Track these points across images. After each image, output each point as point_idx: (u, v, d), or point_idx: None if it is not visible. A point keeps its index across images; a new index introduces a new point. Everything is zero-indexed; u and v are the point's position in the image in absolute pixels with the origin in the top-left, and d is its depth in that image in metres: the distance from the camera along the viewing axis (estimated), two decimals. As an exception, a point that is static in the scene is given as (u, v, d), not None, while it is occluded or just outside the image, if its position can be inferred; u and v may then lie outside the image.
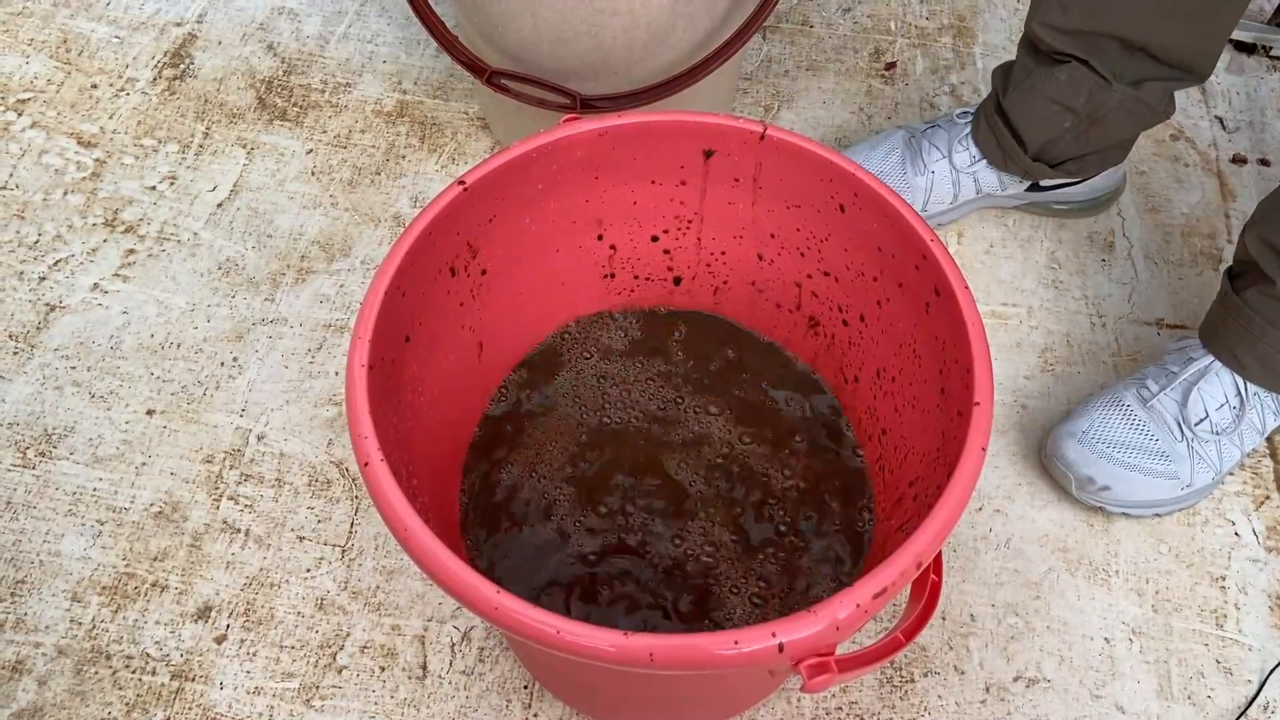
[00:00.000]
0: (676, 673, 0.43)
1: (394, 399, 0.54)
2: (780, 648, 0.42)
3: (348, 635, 0.71)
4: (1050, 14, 0.77)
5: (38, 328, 0.84)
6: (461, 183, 0.56)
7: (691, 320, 0.71)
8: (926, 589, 0.49)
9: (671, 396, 0.68)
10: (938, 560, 0.50)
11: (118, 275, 0.88)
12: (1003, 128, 0.84)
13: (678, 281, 0.70)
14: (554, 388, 0.68)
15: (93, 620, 0.71)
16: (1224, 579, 0.75)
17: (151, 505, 0.76)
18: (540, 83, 0.82)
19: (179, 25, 1.06)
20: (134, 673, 0.69)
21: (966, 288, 0.52)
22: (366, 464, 0.47)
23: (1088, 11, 0.75)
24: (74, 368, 0.82)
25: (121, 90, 1.00)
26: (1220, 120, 1.03)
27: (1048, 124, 0.82)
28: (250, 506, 0.76)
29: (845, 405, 0.67)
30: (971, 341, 0.50)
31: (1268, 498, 0.79)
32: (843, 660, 0.45)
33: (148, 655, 0.70)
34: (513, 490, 0.64)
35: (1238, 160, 1.00)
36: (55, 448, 0.78)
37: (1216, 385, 0.75)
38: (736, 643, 0.41)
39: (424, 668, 0.70)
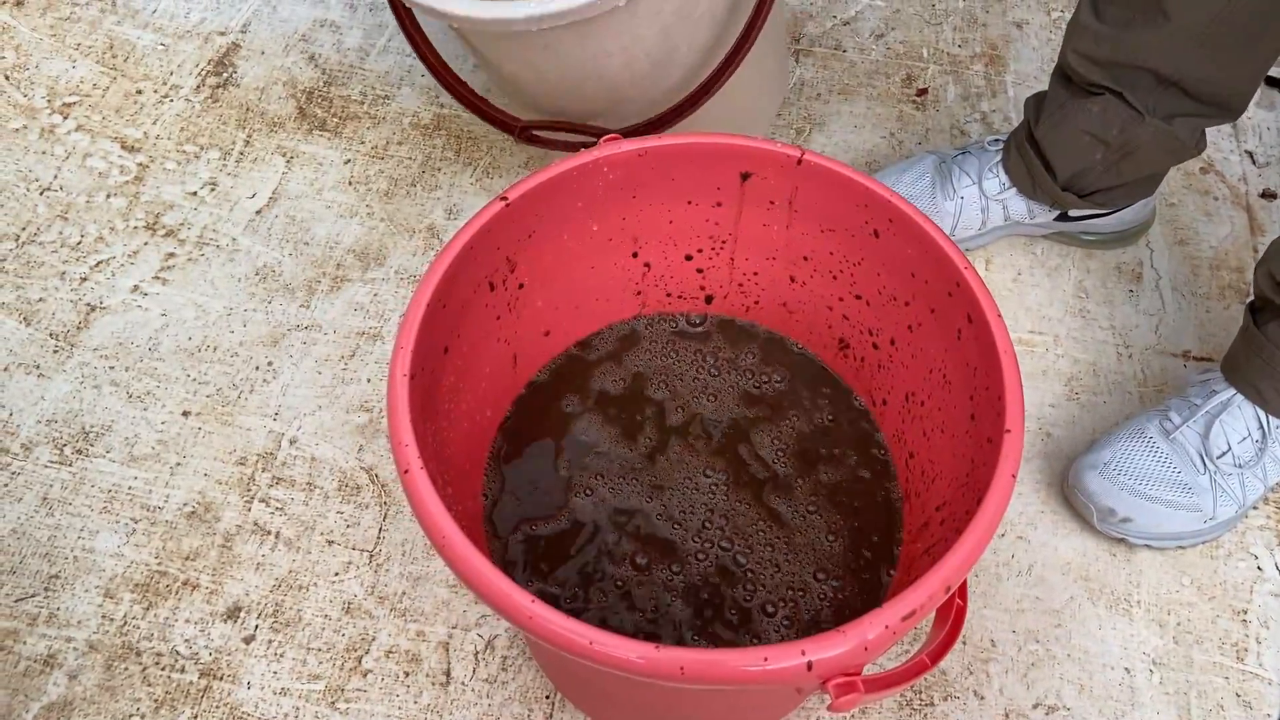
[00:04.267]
0: (706, 687, 0.43)
1: (431, 408, 0.55)
2: (809, 666, 0.42)
3: (373, 639, 0.72)
4: (1083, 42, 0.78)
5: (78, 327, 0.86)
6: (504, 198, 0.57)
7: (728, 328, 0.72)
8: (952, 613, 0.50)
9: (700, 404, 0.68)
10: (963, 585, 0.50)
11: (157, 278, 0.89)
12: (1033, 156, 0.85)
13: (709, 300, 0.71)
14: (582, 394, 0.69)
15: (124, 617, 0.72)
16: (1246, 612, 0.75)
17: (185, 505, 0.77)
18: (568, 127, 0.83)
19: (223, 34, 1.08)
20: (163, 670, 0.70)
21: (999, 316, 0.53)
22: (406, 471, 0.48)
23: (1120, 42, 0.76)
24: (112, 367, 0.84)
25: (165, 97, 1.02)
26: (1250, 155, 1.04)
27: (1079, 155, 0.82)
28: (281, 509, 0.77)
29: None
30: (1004, 370, 0.50)
31: (1292, 533, 0.79)
32: (869, 680, 0.45)
33: (177, 653, 0.71)
34: (534, 495, 0.64)
35: (1267, 195, 1.00)
36: (92, 445, 0.80)
37: (1239, 418, 0.75)
38: (766, 659, 0.42)
39: (447, 674, 0.71)
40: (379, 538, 0.76)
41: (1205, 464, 0.75)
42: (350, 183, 0.97)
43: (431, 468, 0.49)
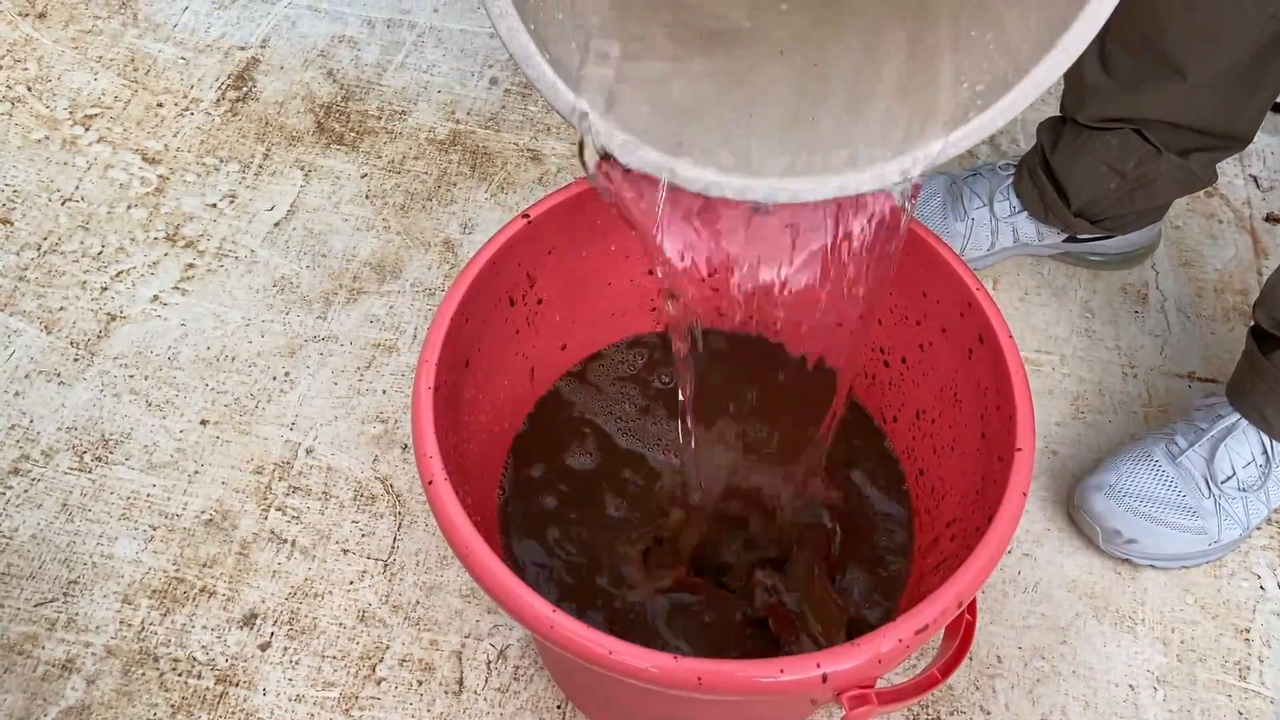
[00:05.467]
0: (722, 698, 0.44)
1: (452, 420, 0.56)
2: (824, 678, 0.43)
3: (387, 648, 0.73)
4: (1093, 106, 0.80)
5: (98, 336, 0.87)
6: (525, 216, 0.59)
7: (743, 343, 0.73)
8: (961, 628, 0.51)
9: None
10: (972, 601, 0.51)
11: (177, 288, 0.91)
12: (1047, 183, 0.86)
13: (721, 315, 0.73)
14: (596, 406, 0.70)
15: (142, 622, 0.73)
16: (1248, 631, 0.76)
17: (202, 513, 0.78)
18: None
19: (243, 49, 1.10)
20: (180, 675, 0.71)
21: (1011, 337, 0.54)
22: (431, 482, 0.49)
23: (1133, 100, 0.78)
24: (132, 376, 0.85)
25: (186, 110, 1.04)
26: (1255, 179, 1.05)
27: (1094, 184, 0.84)
28: (297, 518, 0.78)
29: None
30: (1015, 390, 0.52)
31: (1295, 553, 0.80)
32: (883, 693, 0.46)
33: (194, 659, 0.72)
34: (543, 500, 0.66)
35: (1271, 219, 1.02)
36: (111, 453, 0.81)
37: (1244, 443, 0.76)
38: (782, 671, 0.43)
39: (460, 683, 0.71)
40: (393, 547, 0.77)
41: (1210, 488, 0.76)
42: (367, 196, 0.98)
43: (454, 479, 0.50)
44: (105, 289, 0.90)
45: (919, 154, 0.46)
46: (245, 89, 1.06)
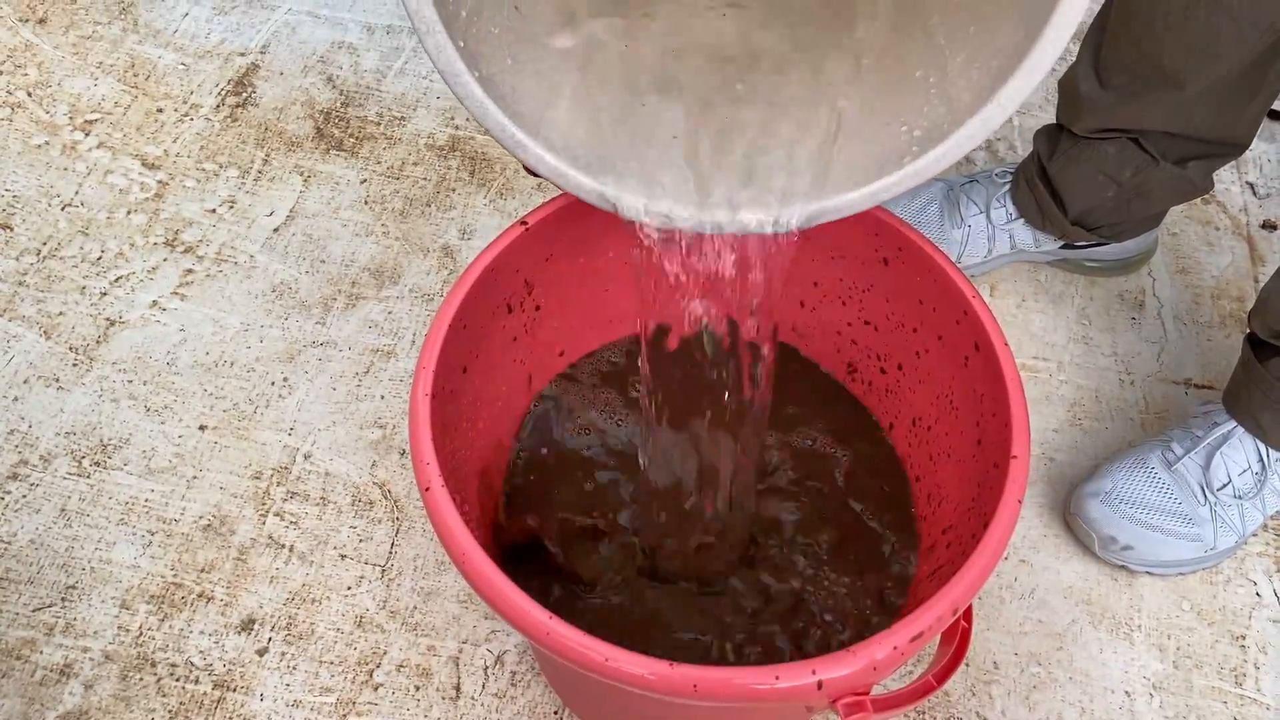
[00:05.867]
0: (717, 704, 0.45)
1: (450, 426, 0.56)
2: (819, 685, 0.43)
3: (385, 653, 0.73)
4: (1087, 120, 0.80)
5: (97, 341, 0.88)
6: (523, 223, 0.59)
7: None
8: (957, 635, 0.51)
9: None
10: (968, 608, 0.51)
11: (176, 294, 0.91)
12: (1044, 191, 0.86)
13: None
14: (593, 409, 0.70)
15: (140, 628, 0.73)
16: (1244, 638, 0.76)
17: (201, 518, 0.78)
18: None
19: (243, 55, 1.10)
20: (178, 681, 0.71)
21: (1006, 345, 0.54)
22: (428, 489, 0.49)
23: (1128, 111, 0.78)
24: (131, 381, 0.85)
25: (186, 115, 1.04)
26: (1251, 186, 1.05)
27: (1091, 192, 0.84)
28: (295, 523, 0.78)
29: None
30: (1010, 398, 0.52)
31: (1291, 560, 0.80)
32: (878, 700, 0.46)
33: (191, 664, 0.72)
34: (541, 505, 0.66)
35: (1268, 226, 1.02)
36: (110, 458, 0.81)
37: (1239, 450, 0.76)
38: (777, 678, 0.43)
39: (457, 689, 0.72)
40: (391, 552, 0.77)
41: (1206, 495, 0.76)
42: (366, 202, 0.98)
43: (451, 485, 0.50)
44: (104, 294, 0.91)
45: (850, 198, 0.47)
46: (245, 95, 1.06)
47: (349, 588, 0.76)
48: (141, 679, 0.71)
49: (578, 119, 0.48)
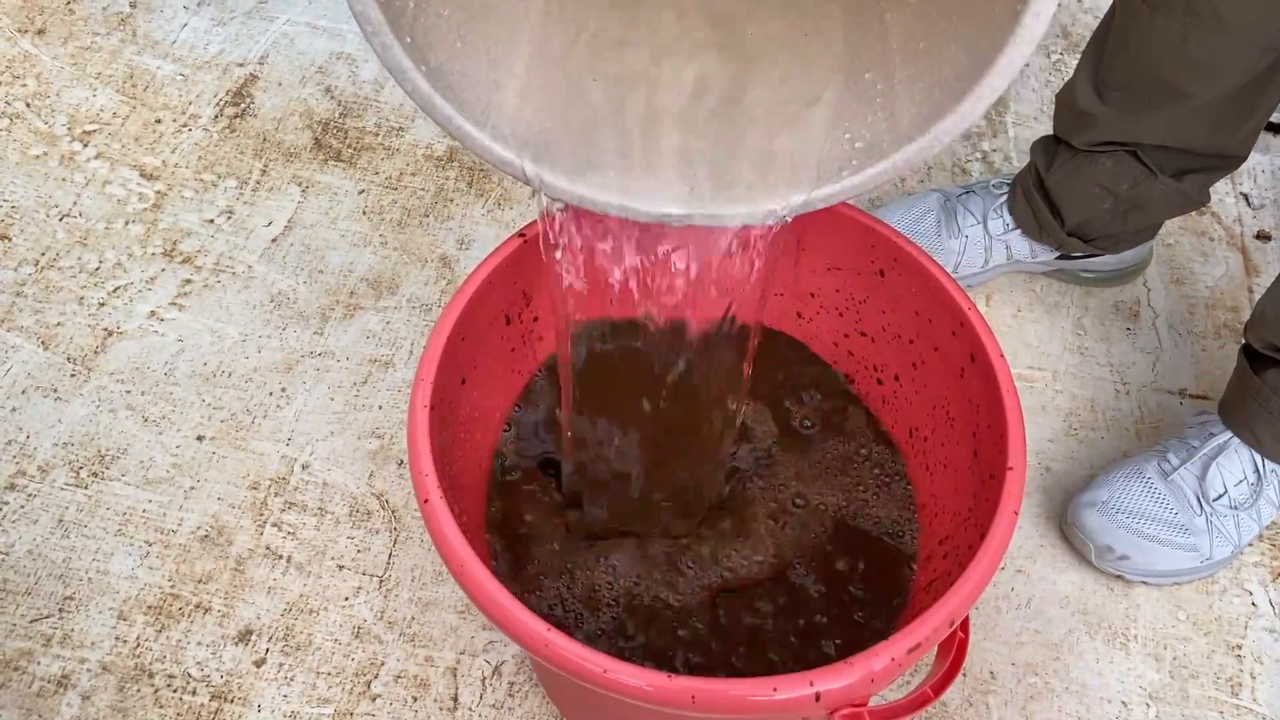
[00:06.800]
0: (715, 716, 0.45)
1: (448, 438, 0.56)
2: (817, 697, 0.44)
3: (382, 664, 0.73)
4: (1086, 134, 0.80)
5: (95, 352, 0.88)
6: (521, 234, 0.59)
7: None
8: (954, 646, 0.51)
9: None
10: (965, 618, 0.51)
11: (174, 304, 0.91)
12: (1041, 202, 0.87)
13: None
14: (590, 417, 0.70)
15: (137, 638, 0.73)
16: (1240, 648, 0.76)
17: (198, 528, 0.78)
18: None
19: (241, 66, 1.10)
20: (175, 692, 0.71)
21: (1002, 355, 0.54)
22: (426, 500, 0.49)
23: (1127, 126, 0.78)
24: (129, 391, 0.85)
25: (184, 126, 1.05)
26: (1246, 197, 1.06)
27: (1088, 205, 0.84)
28: (293, 534, 0.78)
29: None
30: (1006, 408, 0.52)
31: (1286, 570, 0.80)
32: (875, 712, 0.46)
33: (189, 675, 0.72)
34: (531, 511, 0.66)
35: (1262, 237, 1.03)
36: (108, 468, 0.81)
37: (1235, 461, 0.77)
38: (775, 690, 0.44)
39: (455, 699, 0.72)
40: (389, 563, 0.77)
41: (1202, 505, 0.76)
42: (364, 212, 0.99)
43: (449, 497, 0.50)
44: (103, 304, 0.91)
45: (791, 201, 0.46)
46: (243, 105, 1.07)
47: (346, 598, 0.76)
48: (139, 690, 0.71)
49: (527, 100, 0.48)
